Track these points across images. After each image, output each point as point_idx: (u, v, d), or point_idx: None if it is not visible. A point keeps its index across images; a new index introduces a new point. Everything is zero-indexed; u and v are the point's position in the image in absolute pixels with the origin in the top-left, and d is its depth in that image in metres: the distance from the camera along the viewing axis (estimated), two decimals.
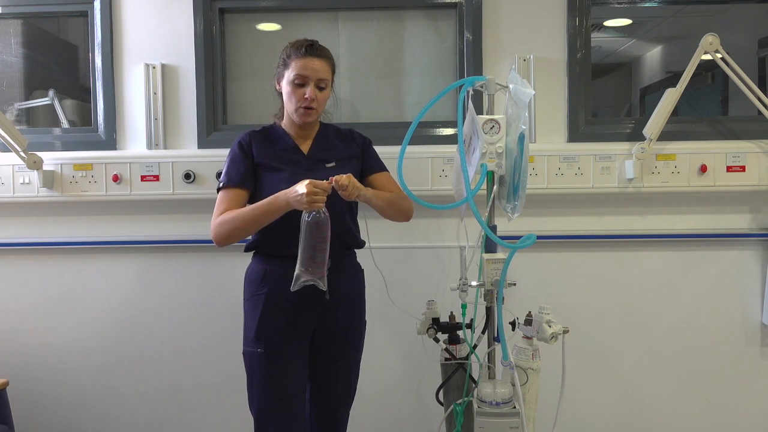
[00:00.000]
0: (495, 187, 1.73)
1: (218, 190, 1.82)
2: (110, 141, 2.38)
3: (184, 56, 2.36)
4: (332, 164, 1.83)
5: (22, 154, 2.23)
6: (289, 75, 1.76)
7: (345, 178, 1.64)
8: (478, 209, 1.54)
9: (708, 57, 2.19)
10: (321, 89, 1.78)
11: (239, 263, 2.40)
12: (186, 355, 2.42)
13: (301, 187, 1.60)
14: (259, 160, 1.81)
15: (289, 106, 1.79)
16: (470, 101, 1.73)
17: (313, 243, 1.62)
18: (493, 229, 1.74)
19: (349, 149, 1.89)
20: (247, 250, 1.87)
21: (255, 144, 1.83)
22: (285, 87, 1.79)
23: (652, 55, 2.95)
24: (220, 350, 2.40)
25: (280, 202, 1.66)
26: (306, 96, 1.74)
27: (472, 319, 1.81)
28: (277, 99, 1.90)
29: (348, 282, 1.87)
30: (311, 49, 1.77)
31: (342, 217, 1.80)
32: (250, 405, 1.82)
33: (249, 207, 1.73)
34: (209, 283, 2.40)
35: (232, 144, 1.86)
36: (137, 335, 2.42)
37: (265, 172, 1.80)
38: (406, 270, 2.33)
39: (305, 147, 1.85)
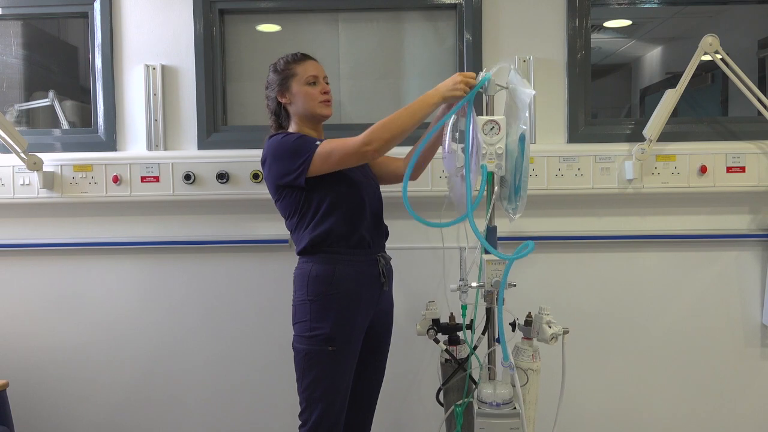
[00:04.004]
0: (495, 188, 1.73)
1: (312, 154, 1.71)
2: (110, 142, 2.38)
3: (184, 57, 2.36)
4: None
5: (22, 155, 2.23)
6: (299, 79, 1.84)
7: None
8: (477, 209, 1.55)
9: (708, 58, 2.19)
10: (327, 85, 1.89)
11: (239, 264, 2.40)
12: (186, 356, 2.42)
13: (449, 81, 1.66)
14: None
15: (308, 105, 1.84)
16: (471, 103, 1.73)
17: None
18: (494, 229, 1.74)
19: None
20: (303, 252, 1.82)
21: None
22: (299, 90, 1.84)
23: (652, 56, 2.94)
24: (221, 352, 2.40)
25: (431, 95, 1.67)
26: (325, 91, 1.85)
27: (472, 320, 1.81)
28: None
29: (391, 274, 1.95)
30: (305, 54, 1.90)
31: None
32: (307, 401, 1.79)
33: (397, 112, 1.69)
34: (210, 284, 2.39)
35: (288, 136, 1.78)
36: (137, 336, 2.42)
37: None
38: (406, 270, 2.33)
39: None
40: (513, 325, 1.81)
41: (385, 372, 2.01)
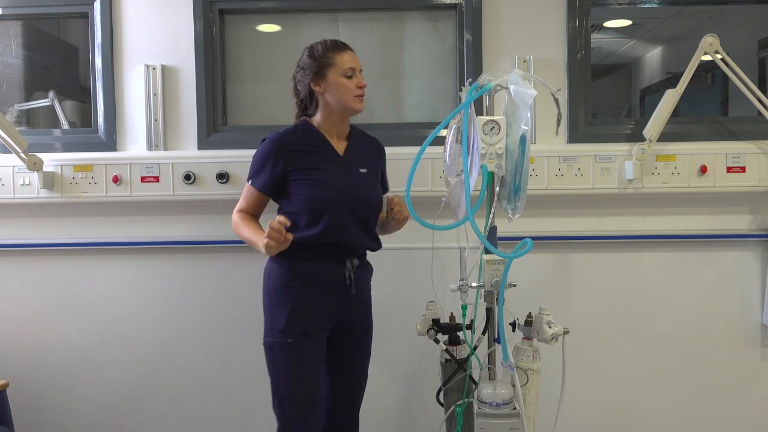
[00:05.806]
0: (497, 188, 1.73)
1: (249, 178, 1.87)
2: (110, 142, 2.38)
3: (184, 57, 2.36)
4: (365, 170, 1.88)
5: (23, 155, 2.23)
6: (337, 69, 1.81)
7: (399, 201, 1.84)
8: (477, 209, 1.55)
9: (708, 58, 2.19)
10: (362, 79, 1.87)
11: (240, 264, 2.40)
12: (186, 356, 2.42)
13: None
14: (292, 164, 1.81)
15: (343, 97, 1.82)
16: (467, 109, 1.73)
17: None
18: (494, 229, 1.74)
19: (376, 160, 1.95)
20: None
21: (289, 145, 1.82)
22: (335, 81, 1.81)
23: (652, 56, 2.95)
24: (222, 351, 2.40)
25: (255, 243, 1.77)
26: (361, 85, 1.84)
27: (472, 320, 1.81)
28: (293, 101, 1.92)
29: (366, 277, 1.93)
30: (344, 44, 1.86)
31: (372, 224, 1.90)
32: (274, 394, 1.82)
33: (246, 229, 1.82)
34: (210, 284, 2.39)
35: (266, 142, 1.83)
36: (137, 336, 2.42)
37: (299, 174, 1.80)
38: (406, 270, 2.33)
39: (341, 148, 1.88)
40: (513, 325, 1.81)
41: (385, 372, 2.01)
